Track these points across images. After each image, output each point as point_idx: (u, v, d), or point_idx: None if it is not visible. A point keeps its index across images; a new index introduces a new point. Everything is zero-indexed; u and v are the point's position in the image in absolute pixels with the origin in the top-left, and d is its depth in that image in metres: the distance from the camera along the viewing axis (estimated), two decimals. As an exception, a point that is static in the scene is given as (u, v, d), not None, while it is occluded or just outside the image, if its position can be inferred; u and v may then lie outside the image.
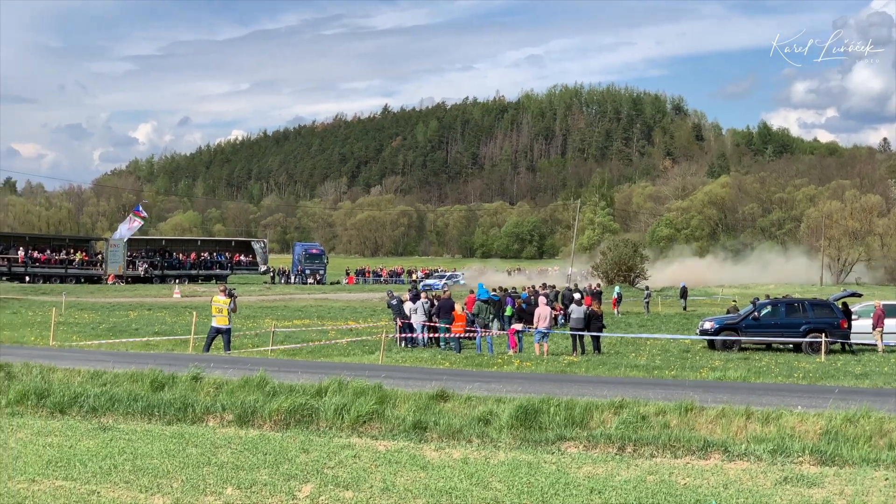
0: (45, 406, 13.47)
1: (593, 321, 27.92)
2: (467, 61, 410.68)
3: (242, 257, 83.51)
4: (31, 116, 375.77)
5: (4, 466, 9.75)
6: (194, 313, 28.60)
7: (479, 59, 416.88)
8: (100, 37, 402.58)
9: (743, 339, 29.89)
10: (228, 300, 25.02)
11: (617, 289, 51.83)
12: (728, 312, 36.72)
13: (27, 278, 69.74)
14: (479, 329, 28.37)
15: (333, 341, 29.43)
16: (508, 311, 31.37)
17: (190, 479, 9.40)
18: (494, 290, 34.67)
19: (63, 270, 72.93)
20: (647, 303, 50.77)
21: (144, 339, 29.81)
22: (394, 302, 30.48)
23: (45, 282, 69.28)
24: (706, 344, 30.23)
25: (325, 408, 12.93)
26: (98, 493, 8.90)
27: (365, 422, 12.59)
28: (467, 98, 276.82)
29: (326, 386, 14.19)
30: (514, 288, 39.87)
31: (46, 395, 13.77)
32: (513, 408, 12.56)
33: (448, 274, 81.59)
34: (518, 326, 28.51)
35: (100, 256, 76.71)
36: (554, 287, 44.37)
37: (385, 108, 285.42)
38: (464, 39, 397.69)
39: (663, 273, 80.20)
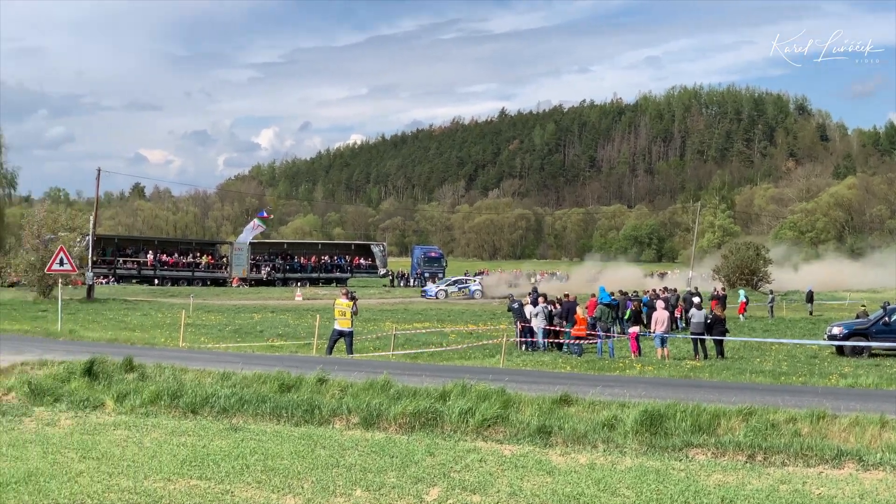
0: (177, 406, 13.81)
1: (716, 326, 27.48)
2: (584, 63, 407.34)
3: (362, 260, 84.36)
4: (158, 123, 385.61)
5: (141, 465, 10.02)
6: (317, 316, 28.98)
7: (596, 61, 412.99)
8: (224, 45, 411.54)
9: (873, 344, 29.02)
10: (351, 303, 25.33)
11: (742, 293, 50.88)
12: (857, 317, 35.71)
13: (156, 281, 71.62)
14: (600, 333, 28.21)
15: (454, 347, 29.54)
16: (628, 314, 31.15)
17: (320, 481, 9.55)
18: (613, 293, 34.41)
19: (190, 273, 74.71)
20: (772, 307, 49.78)
21: (269, 341, 30.36)
22: (515, 305, 30.48)
23: (172, 284, 71.08)
24: (834, 350, 29.46)
25: (450, 411, 12.98)
26: (231, 492, 9.09)
27: (489, 426, 12.61)
28: (584, 100, 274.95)
29: (450, 389, 14.25)
30: (635, 291, 39.49)
31: (179, 395, 14.11)
32: (637, 413, 12.44)
33: (453, 279, 74.47)
34: (637, 330, 28.27)
35: (225, 260, 78.31)
36: (675, 290, 43.81)
37: (502, 112, 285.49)
38: (580, 41, 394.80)
39: (788, 276, 78.45)
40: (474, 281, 69.97)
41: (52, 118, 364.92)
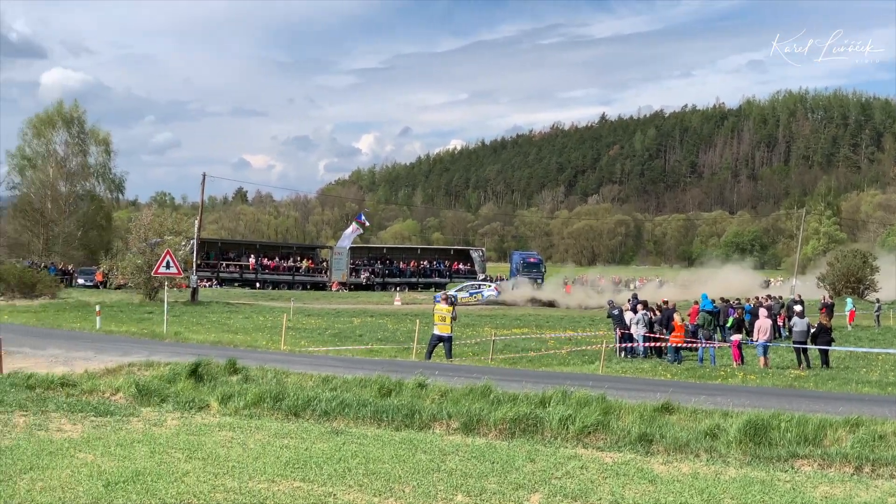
0: (280, 409, 13.97)
1: (821, 335, 26.92)
2: (686, 68, 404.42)
3: (461, 265, 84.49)
4: (261, 129, 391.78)
5: (245, 466, 10.15)
6: (416, 321, 29.12)
7: (698, 65, 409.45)
8: (326, 51, 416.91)
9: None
10: (451, 308, 25.41)
11: (850, 301, 49.75)
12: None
13: (257, 284, 72.62)
14: (702, 340, 27.88)
15: (553, 351, 29.44)
16: (730, 322, 30.71)
17: (421, 485, 9.58)
18: (714, 300, 33.95)
19: (290, 277, 75.59)
20: (878, 316, 48.56)
21: (368, 345, 30.59)
22: (615, 312, 30.27)
23: (273, 288, 72.02)
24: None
25: (550, 417, 12.94)
26: (334, 494, 9.16)
27: (590, 433, 12.53)
28: (686, 105, 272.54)
29: (550, 396, 14.20)
30: (737, 299, 38.92)
31: (281, 398, 14.29)
32: (741, 422, 12.26)
33: (468, 284, 70.40)
34: (739, 338, 27.86)
35: (325, 264, 79.06)
36: (780, 298, 43.04)
37: (602, 117, 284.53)
38: (683, 46, 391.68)
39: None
40: (489, 286, 67.77)
41: (159, 124, 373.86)
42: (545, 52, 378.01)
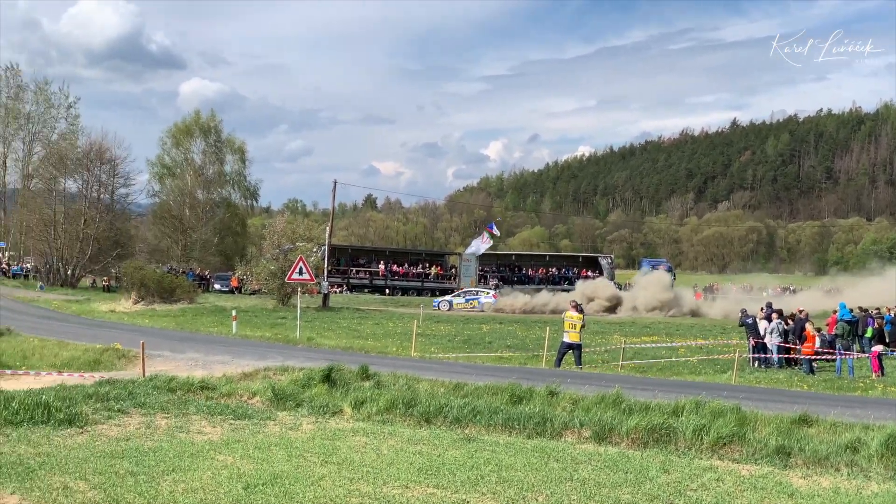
0: (412, 415, 14.11)
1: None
2: (821, 71, 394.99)
3: (590, 273, 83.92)
4: (390, 136, 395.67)
5: (379, 471, 10.27)
6: (546, 328, 29.06)
7: (834, 68, 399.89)
8: (455, 59, 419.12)
9: None
10: (581, 315, 25.31)
11: None
12: None
13: (387, 291, 73.31)
14: (840, 351, 27.20)
15: (683, 359, 29.06)
16: (869, 332, 29.88)
17: (554, 494, 9.56)
18: (852, 309, 33.05)
19: (420, 284, 76.07)
20: None
21: (498, 352, 30.60)
22: (749, 321, 29.72)
23: (403, 294, 72.60)
24: None
25: (684, 428, 12.80)
26: (467, 501, 9.19)
27: (725, 444, 12.36)
28: (821, 110, 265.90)
29: (682, 405, 14.06)
30: (877, 308, 37.83)
31: (413, 404, 14.42)
32: (883, 436, 11.94)
33: (464, 290, 67.14)
34: (879, 349, 27.08)
35: (454, 270, 79.35)
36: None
37: (734, 122, 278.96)
38: (817, 48, 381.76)
39: None
40: (487, 293, 65.78)
41: (292, 132, 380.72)
42: (675, 57, 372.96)
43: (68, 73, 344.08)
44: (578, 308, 25.90)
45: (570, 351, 25.25)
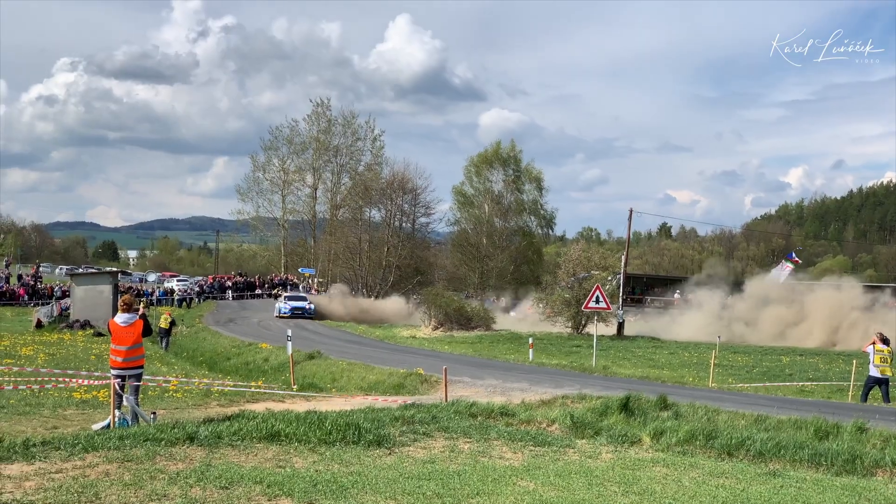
0: (712, 447, 13.88)
1: None
2: None
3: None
4: (686, 164, 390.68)
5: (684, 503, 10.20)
6: (853, 361, 27.91)
7: None
8: (752, 84, 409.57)
9: None
10: (890, 349, 24.20)
11: None
12: None
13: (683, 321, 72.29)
14: None
15: None
16: None
17: (866, 534, 9.23)
18: None
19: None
20: None
21: (799, 384, 29.65)
22: None
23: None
24: None
25: None
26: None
27: None
28: None
29: None
30: None
31: (714, 436, 14.18)
32: None
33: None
34: None
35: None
36: None
37: None
38: None
39: None
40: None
41: (588, 161, 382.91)
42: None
43: (375, 107, 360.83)
44: (885, 340, 24.73)
45: (878, 385, 24.16)
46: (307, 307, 60.75)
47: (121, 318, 14.90)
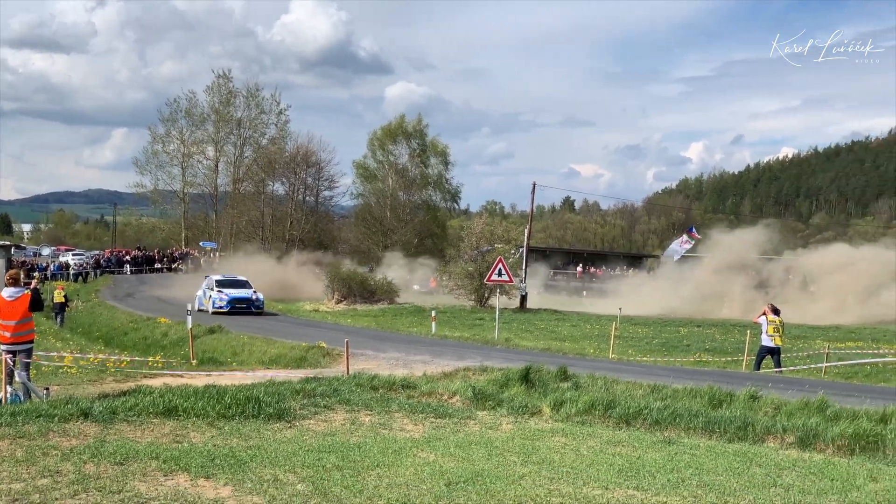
0: (611, 416, 14.11)
1: None
2: None
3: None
4: (591, 139, 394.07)
5: (579, 472, 10.32)
6: (747, 332, 28.53)
7: None
8: (657, 61, 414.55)
9: None
10: (780, 318, 24.81)
11: None
12: None
13: (584, 293, 73.13)
14: None
15: (893, 365, 28.03)
16: None
17: (757, 500, 9.40)
18: None
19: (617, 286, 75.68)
20: None
21: (696, 355, 30.24)
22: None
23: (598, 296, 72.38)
24: None
25: (893, 436, 12.45)
26: (668, 504, 9.20)
27: (937, 454, 11.98)
28: None
29: (891, 413, 13.64)
30: None
31: (612, 406, 14.40)
32: None
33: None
34: None
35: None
36: None
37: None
38: None
39: None
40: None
41: (494, 135, 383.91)
42: (886, 55, 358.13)
43: (281, 79, 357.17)
44: (776, 311, 25.31)
45: (770, 355, 24.74)
46: (253, 298, 42.27)
47: (7, 292, 14.57)
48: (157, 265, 78.59)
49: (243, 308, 40.87)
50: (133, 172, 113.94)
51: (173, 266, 76.52)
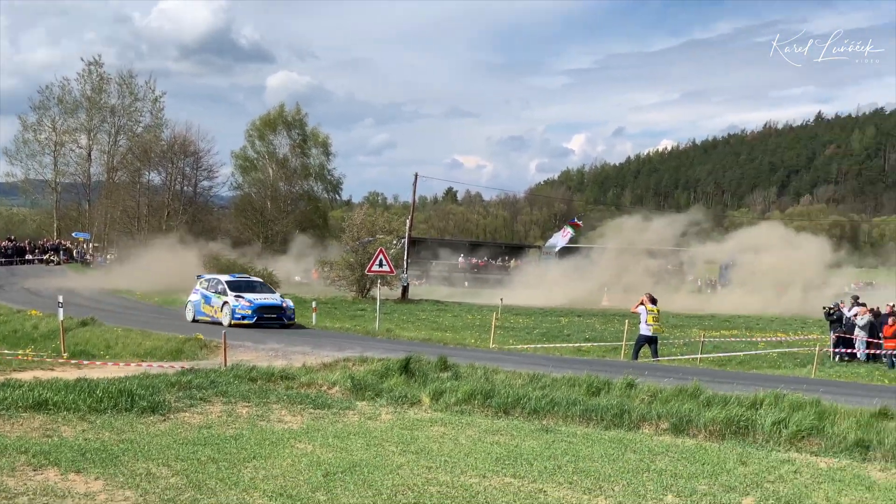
0: (490, 406, 14.21)
1: None
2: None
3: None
4: (474, 130, 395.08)
5: (457, 461, 10.38)
6: (626, 321, 28.97)
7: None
8: (539, 53, 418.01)
9: None
10: (658, 308, 25.25)
11: None
12: None
13: (466, 283, 73.47)
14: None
15: (763, 353, 28.77)
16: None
17: (631, 484, 9.59)
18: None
19: (499, 276, 76.19)
20: None
21: (576, 344, 30.59)
22: (833, 315, 29.39)
23: (481, 286, 72.79)
24: None
25: (762, 421, 12.77)
26: (544, 491, 9.27)
27: (803, 437, 12.30)
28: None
29: (762, 398, 13.97)
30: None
31: (491, 395, 14.52)
32: (967, 431, 11.80)
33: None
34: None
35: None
36: None
37: (818, 116, 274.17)
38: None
39: None
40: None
41: (377, 126, 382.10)
42: (762, 50, 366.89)
43: (159, 67, 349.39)
44: (654, 300, 25.74)
45: (648, 343, 25.15)
46: (283, 305, 31.82)
47: None
48: (29, 256, 76.50)
49: (272, 319, 30.83)
50: (3, 162, 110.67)
51: (44, 257, 74.53)
